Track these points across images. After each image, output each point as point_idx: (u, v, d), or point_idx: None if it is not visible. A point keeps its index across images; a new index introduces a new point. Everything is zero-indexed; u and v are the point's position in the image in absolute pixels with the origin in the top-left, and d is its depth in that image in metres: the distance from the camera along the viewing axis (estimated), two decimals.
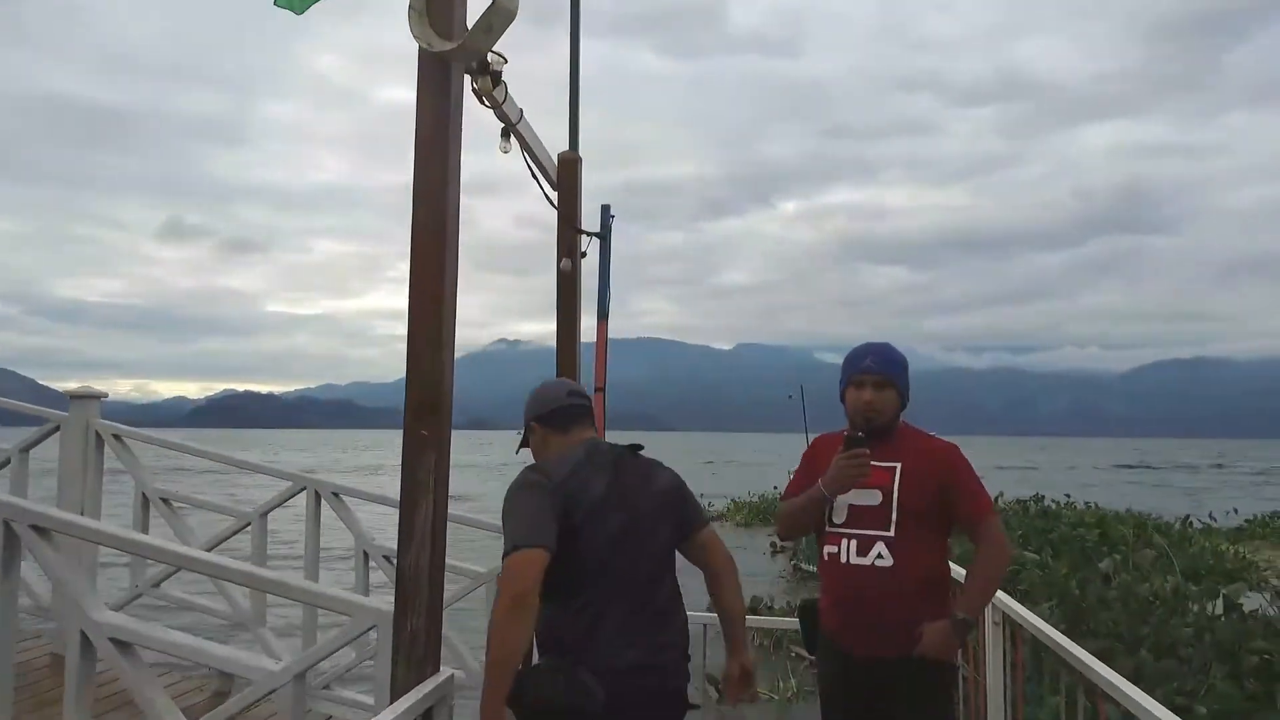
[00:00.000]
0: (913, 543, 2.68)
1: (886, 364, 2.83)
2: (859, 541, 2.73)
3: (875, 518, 2.72)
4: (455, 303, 2.46)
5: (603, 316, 4.26)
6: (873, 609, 2.68)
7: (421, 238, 2.41)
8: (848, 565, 2.72)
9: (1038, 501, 16.32)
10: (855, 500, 2.75)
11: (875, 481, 2.73)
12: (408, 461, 2.38)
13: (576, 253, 4.15)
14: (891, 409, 2.80)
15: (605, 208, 4.29)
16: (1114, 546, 9.76)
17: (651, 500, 2.39)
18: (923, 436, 2.87)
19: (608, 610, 2.23)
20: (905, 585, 2.67)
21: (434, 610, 2.40)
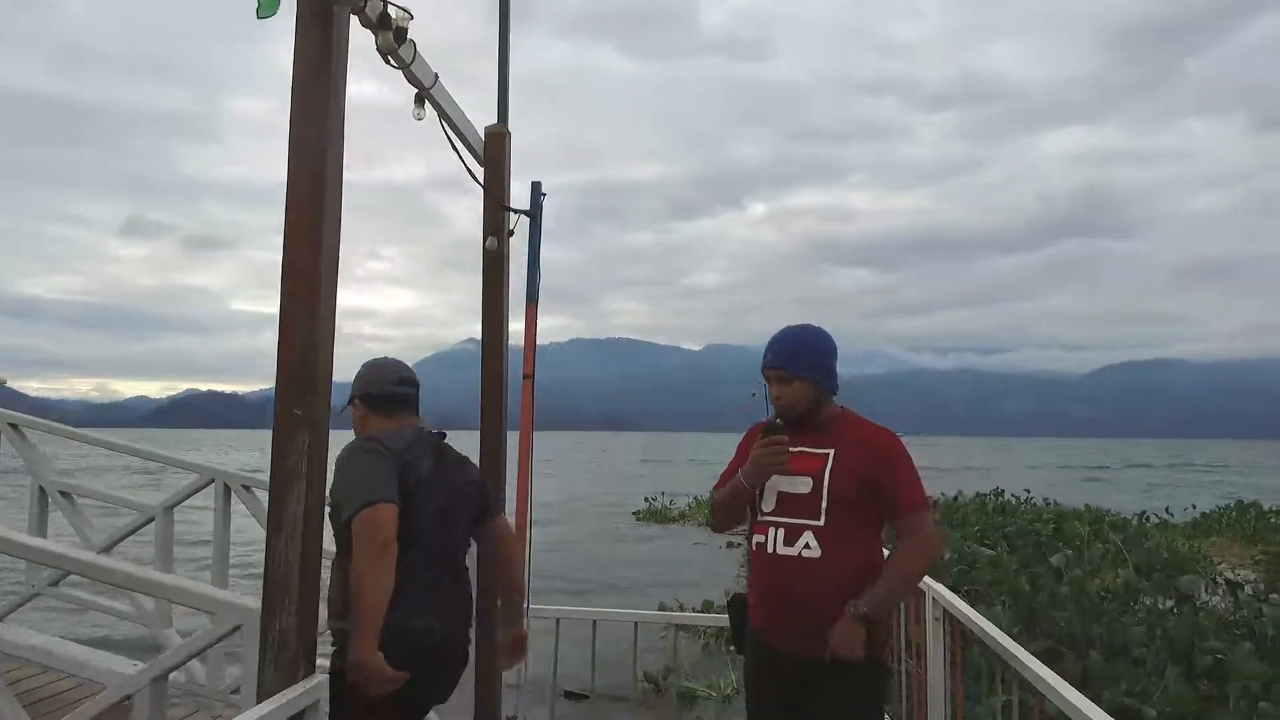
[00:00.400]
0: (843, 534, 2.52)
1: (786, 358, 2.68)
2: (786, 530, 2.58)
3: (804, 506, 2.57)
4: (335, 269, 2.24)
5: (532, 300, 4.04)
6: (799, 603, 2.53)
7: (297, 196, 2.19)
8: (774, 555, 2.58)
9: (998, 496, 16.33)
10: (785, 488, 2.62)
11: (805, 468, 2.59)
12: (278, 445, 2.16)
13: (503, 231, 3.93)
14: (801, 401, 2.66)
15: (536, 185, 4.08)
16: (1069, 542, 9.73)
17: (464, 486, 2.69)
18: (861, 424, 2.72)
19: (419, 575, 2.39)
20: (833, 578, 2.51)
21: (307, 608, 2.18)
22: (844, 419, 2.71)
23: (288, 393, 2.16)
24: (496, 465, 3.90)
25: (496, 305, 3.94)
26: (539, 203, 4.06)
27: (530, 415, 4.00)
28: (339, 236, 2.23)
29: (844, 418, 2.71)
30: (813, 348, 2.72)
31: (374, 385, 2.58)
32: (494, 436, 3.92)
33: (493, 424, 3.92)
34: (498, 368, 3.93)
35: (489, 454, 3.91)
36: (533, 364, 4.00)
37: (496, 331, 3.95)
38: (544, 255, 3.92)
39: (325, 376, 2.20)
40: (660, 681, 6.33)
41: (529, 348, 4.02)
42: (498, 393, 3.93)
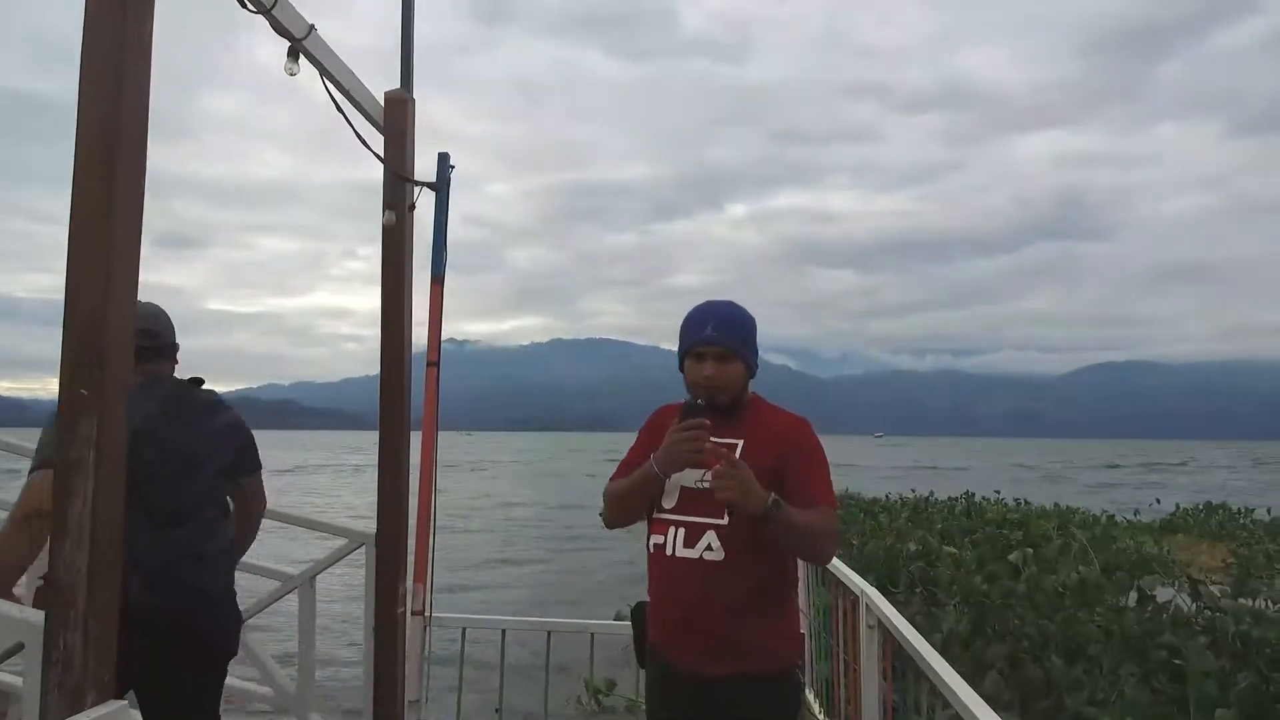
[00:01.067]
0: (751, 536, 2.20)
1: (730, 332, 2.34)
2: (687, 530, 2.26)
3: (709, 503, 2.24)
4: (139, 225, 1.91)
5: (437, 279, 3.72)
6: (699, 613, 2.21)
7: (87, 145, 1.86)
8: (672, 559, 2.26)
9: (968, 499, 16.17)
10: (688, 482, 2.29)
11: (713, 461, 2.25)
12: (63, 434, 1.83)
13: (404, 205, 3.61)
14: (737, 384, 2.34)
15: (443, 156, 3.77)
16: (1034, 543, 9.52)
17: (202, 437, 2.60)
18: (774, 411, 2.41)
19: (133, 532, 2.13)
20: (738, 586, 2.20)
21: (101, 623, 1.84)
22: (756, 406, 2.41)
23: (72, 367, 1.82)
24: (397, 463, 3.58)
25: (396, 285, 3.62)
26: (446, 175, 3.75)
27: (434, 407, 3.68)
28: (142, 193, 1.91)
29: (756, 404, 2.41)
30: (748, 325, 2.40)
31: None
32: (394, 432, 3.59)
33: (393, 418, 3.60)
34: (398, 354, 3.61)
35: (388, 451, 3.58)
36: (438, 350, 3.69)
37: (396, 314, 3.63)
38: (521, 255, 3.65)
39: (120, 348, 1.87)
40: (600, 696, 6.02)
41: (434, 331, 3.70)
42: (398, 383, 3.61)
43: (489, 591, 12.93)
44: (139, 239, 1.92)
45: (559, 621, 3.60)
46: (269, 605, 3.69)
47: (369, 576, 3.56)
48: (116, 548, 1.89)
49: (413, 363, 3.67)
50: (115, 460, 1.87)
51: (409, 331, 3.68)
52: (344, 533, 3.64)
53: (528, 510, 28.32)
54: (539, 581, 14.01)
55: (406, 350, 3.66)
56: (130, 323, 1.91)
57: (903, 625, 2.94)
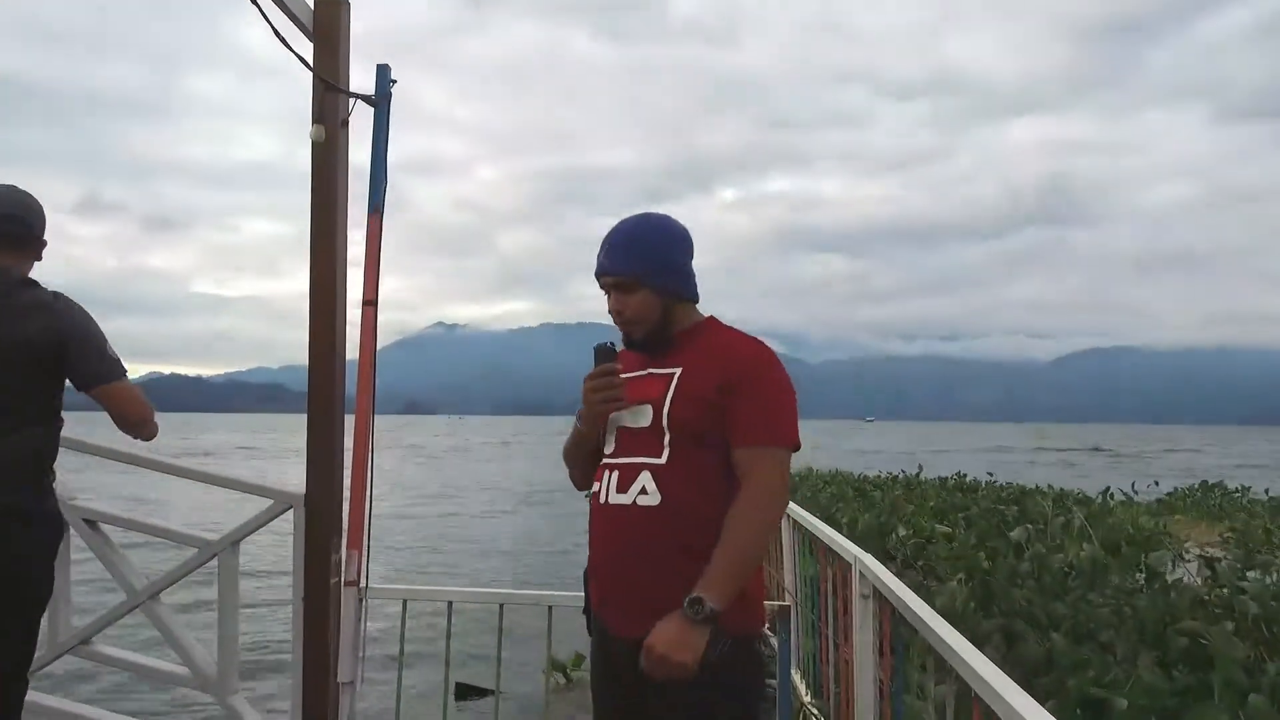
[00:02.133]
0: (692, 474, 1.85)
1: (624, 256, 1.98)
2: (620, 473, 1.94)
3: (644, 442, 1.91)
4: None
5: (374, 210, 3.28)
6: (632, 566, 1.87)
7: None
8: (606, 507, 1.94)
9: (960, 478, 15.84)
10: (627, 422, 1.97)
11: (648, 394, 1.93)
12: None
13: (335, 120, 3.17)
14: (650, 314, 1.98)
15: (383, 67, 3.31)
16: (1031, 519, 9.17)
17: (10, 336, 2.37)
18: (723, 332, 2.02)
19: None
20: (677, 533, 1.84)
21: None
22: (707, 330, 2.02)
23: None
24: (328, 415, 3.15)
25: (327, 214, 3.18)
26: (386, 90, 3.29)
27: (371, 352, 3.25)
28: None
29: (707, 329, 2.03)
30: (657, 242, 2.00)
31: None
32: (325, 381, 3.16)
33: (323, 364, 3.17)
34: (329, 292, 3.18)
35: (319, 402, 3.16)
36: (375, 288, 3.25)
37: (327, 247, 3.19)
38: (509, 238, 3.22)
39: None
40: (568, 671, 5.64)
41: (370, 268, 3.26)
42: (329, 325, 3.17)
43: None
44: None
45: (513, 593, 3.19)
46: (186, 575, 3.26)
47: (297, 542, 3.14)
48: None
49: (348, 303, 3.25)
50: None
51: (343, 267, 3.25)
52: (269, 493, 3.22)
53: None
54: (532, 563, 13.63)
55: (340, 287, 3.23)
56: None
57: (903, 591, 2.54)
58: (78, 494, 3.29)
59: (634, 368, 2.02)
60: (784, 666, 3.16)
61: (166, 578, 3.24)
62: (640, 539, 1.88)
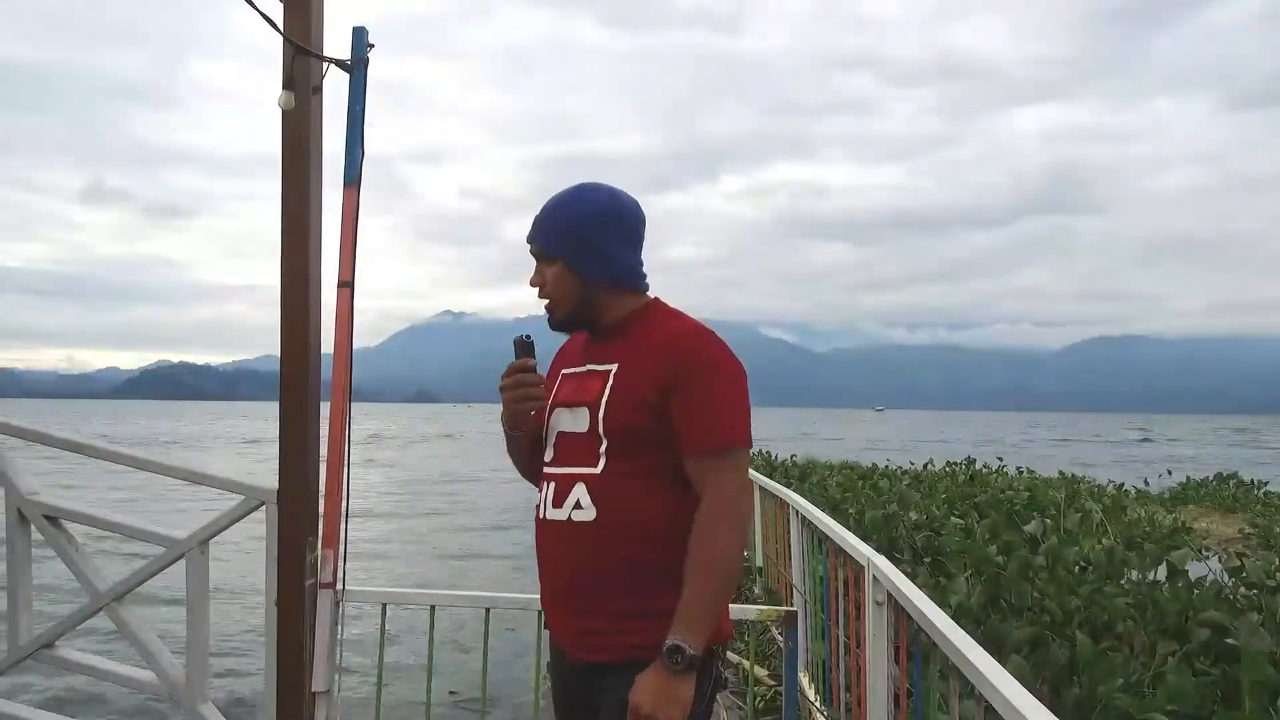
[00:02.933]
0: (629, 484, 1.65)
1: (545, 227, 1.78)
2: (557, 484, 1.75)
3: (580, 449, 1.72)
4: None
5: (350, 182, 3.05)
6: (573, 585, 1.70)
7: None
8: (544, 522, 1.78)
9: (969, 465, 15.62)
10: (565, 425, 1.78)
11: (585, 394, 1.72)
12: None
13: (307, 86, 2.95)
14: (567, 295, 1.76)
15: (360, 30, 3.08)
16: (1044, 510, 8.96)
17: None
18: (665, 320, 1.77)
19: None
20: (617, 548, 1.65)
21: None
22: (642, 317, 1.77)
23: None
24: (301, 405, 2.94)
25: (300, 187, 2.96)
26: (363, 54, 3.07)
27: (347, 338, 3.03)
28: None
29: (649, 315, 1.78)
30: (581, 218, 1.75)
31: None
32: (298, 367, 2.95)
33: (296, 350, 2.95)
34: (301, 272, 2.96)
35: (291, 390, 2.94)
36: (351, 268, 3.03)
37: (301, 224, 2.97)
38: (514, 226, 2.95)
39: None
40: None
41: (346, 246, 3.04)
42: (301, 307, 2.96)
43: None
44: None
45: (500, 596, 2.98)
46: (152, 576, 3.05)
47: (269, 541, 2.94)
48: None
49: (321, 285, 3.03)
50: None
51: (317, 246, 3.04)
52: (239, 488, 3.01)
53: None
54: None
55: (314, 268, 3.01)
56: None
57: (920, 600, 2.32)
58: (40, 489, 3.08)
59: (575, 362, 1.82)
60: (791, 671, 2.96)
61: (131, 579, 3.03)
62: (579, 557, 1.69)
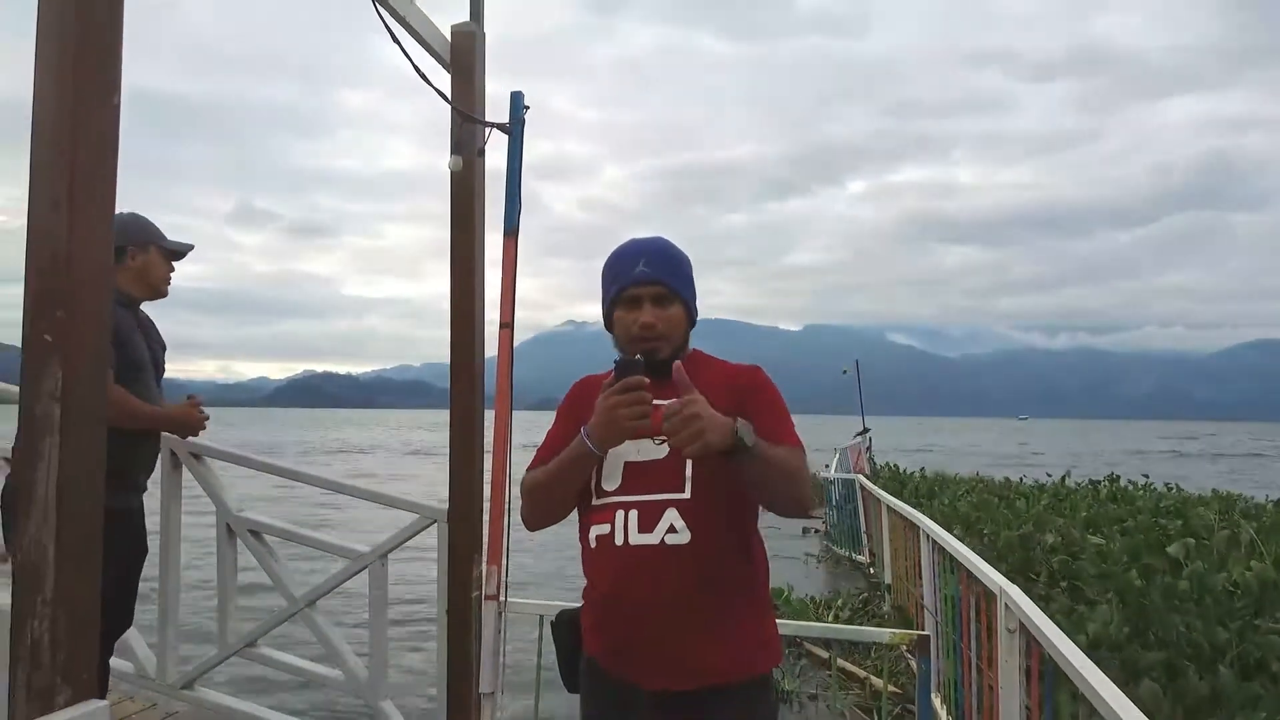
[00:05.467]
0: (718, 507, 1.79)
1: (667, 267, 1.95)
2: (641, 511, 1.82)
3: (663, 475, 1.83)
4: (113, 138, 1.62)
5: (510, 233, 3.37)
6: (663, 612, 1.79)
7: (49, 43, 1.57)
8: (625, 548, 1.81)
9: (1112, 482, 14.90)
10: (634, 456, 1.86)
11: (659, 426, 1.81)
12: (26, 384, 1.55)
13: (473, 149, 3.28)
14: (679, 331, 1.95)
15: (517, 95, 3.40)
16: (1193, 532, 8.50)
17: None
18: (722, 364, 2.01)
19: None
20: (707, 570, 1.79)
21: (72, 611, 1.57)
22: (699, 359, 2.00)
23: (39, 311, 1.54)
24: (469, 434, 3.27)
25: (467, 241, 3.30)
26: (520, 116, 3.38)
27: (508, 375, 3.34)
28: (111, 94, 1.61)
29: (700, 357, 2.01)
30: (686, 263, 2.01)
31: None
32: (466, 402, 3.28)
33: (464, 386, 3.29)
34: (469, 317, 3.29)
35: (460, 422, 3.28)
36: (511, 310, 3.34)
37: (467, 273, 3.31)
38: (634, 237, 3.21)
39: (92, 284, 1.58)
40: None
41: (507, 291, 3.35)
42: (469, 348, 3.29)
43: None
44: (114, 153, 1.62)
45: None
46: (339, 585, 3.45)
47: (441, 557, 3.28)
48: (93, 521, 1.61)
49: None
50: (90, 418, 1.59)
51: (481, 291, 3.36)
52: (414, 508, 3.36)
53: None
54: None
55: (478, 312, 3.34)
56: (105, 254, 1.62)
57: (1050, 630, 2.41)
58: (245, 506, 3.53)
59: None
60: (924, 695, 3.07)
61: (322, 586, 3.43)
62: (671, 581, 1.77)
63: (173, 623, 3.58)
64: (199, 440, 3.48)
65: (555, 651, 2.09)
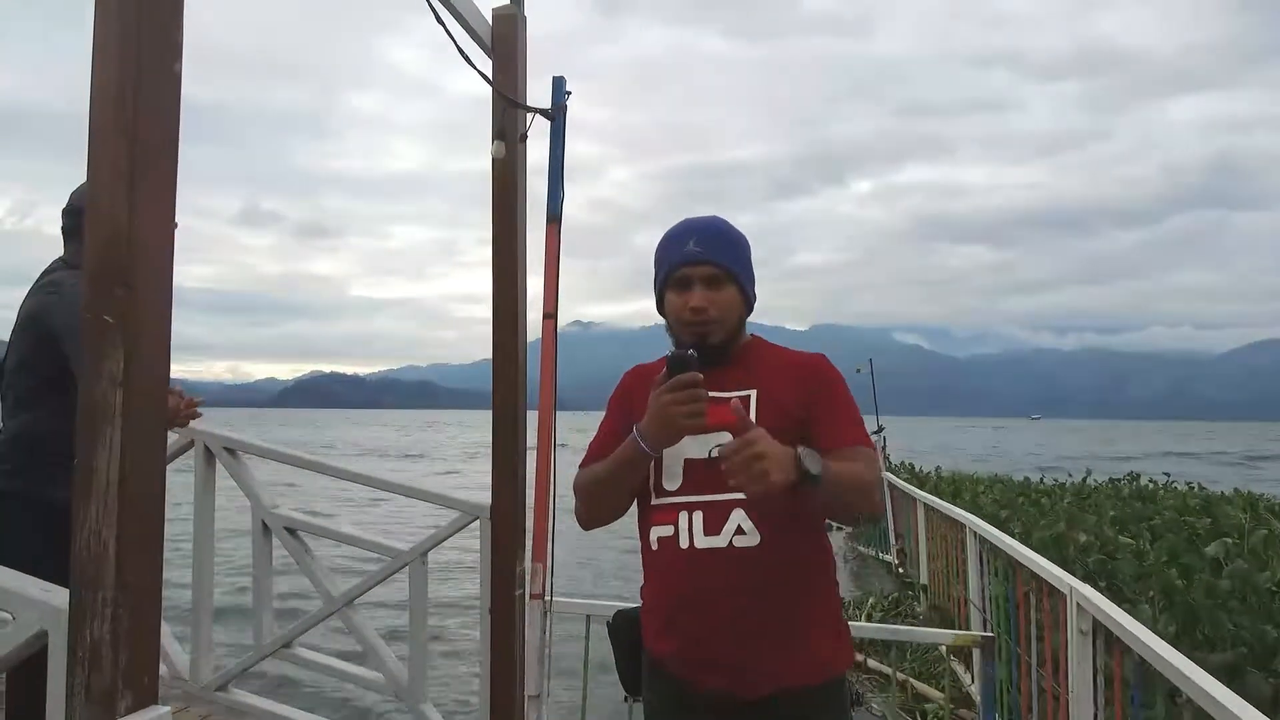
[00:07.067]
0: (787, 506, 1.67)
1: (719, 246, 1.82)
2: (707, 513, 1.73)
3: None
4: (175, 110, 1.53)
5: (553, 219, 3.28)
6: (734, 615, 1.70)
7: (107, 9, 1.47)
8: (691, 551, 1.73)
9: (1133, 480, 14.76)
10: (694, 453, 1.76)
11: (722, 420, 1.70)
12: (89, 369, 1.46)
13: (514, 135, 3.18)
14: (734, 315, 1.82)
15: (558, 80, 3.32)
16: (1225, 533, 8.37)
17: (19, 321, 2.54)
18: (785, 351, 1.89)
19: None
20: (778, 573, 1.70)
21: (139, 608, 1.48)
22: (758, 347, 1.89)
23: (98, 292, 1.45)
24: (512, 427, 3.17)
25: (508, 229, 3.20)
26: (562, 102, 3.30)
27: (552, 366, 3.25)
28: (173, 60, 1.52)
29: (758, 345, 1.89)
30: (743, 243, 1.89)
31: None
32: (509, 394, 3.19)
33: (506, 377, 3.19)
34: (511, 306, 3.19)
35: (503, 414, 3.18)
36: (555, 299, 3.25)
37: (510, 263, 3.21)
38: (641, 237, 3.13)
39: (155, 263, 1.49)
40: None
41: (550, 278, 3.27)
42: (511, 338, 3.19)
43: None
44: (176, 122, 1.53)
45: None
46: (377, 584, 3.36)
47: (483, 555, 3.18)
48: (156, 512, 1.52)
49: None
50: (151, 403, 1.49)
51: (523, 280, 3.26)
52: (456, 504, 3.27)
53: None
54: None
55: (520, 301, 3.24)
56: (167, 229, 1.53)
57: (1138, 629, 2.30)
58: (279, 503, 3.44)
59: None
60: (988, 699, 2.96)
61: (361, 585, 3.34)
62: (740, 584, 1.69)
63: (206, 622, 3.50)
64: (235, 435, 3.39)
65: (613, 653, 2.00)
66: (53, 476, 2.43)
